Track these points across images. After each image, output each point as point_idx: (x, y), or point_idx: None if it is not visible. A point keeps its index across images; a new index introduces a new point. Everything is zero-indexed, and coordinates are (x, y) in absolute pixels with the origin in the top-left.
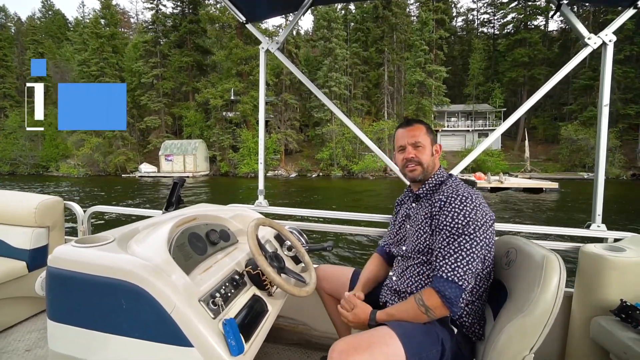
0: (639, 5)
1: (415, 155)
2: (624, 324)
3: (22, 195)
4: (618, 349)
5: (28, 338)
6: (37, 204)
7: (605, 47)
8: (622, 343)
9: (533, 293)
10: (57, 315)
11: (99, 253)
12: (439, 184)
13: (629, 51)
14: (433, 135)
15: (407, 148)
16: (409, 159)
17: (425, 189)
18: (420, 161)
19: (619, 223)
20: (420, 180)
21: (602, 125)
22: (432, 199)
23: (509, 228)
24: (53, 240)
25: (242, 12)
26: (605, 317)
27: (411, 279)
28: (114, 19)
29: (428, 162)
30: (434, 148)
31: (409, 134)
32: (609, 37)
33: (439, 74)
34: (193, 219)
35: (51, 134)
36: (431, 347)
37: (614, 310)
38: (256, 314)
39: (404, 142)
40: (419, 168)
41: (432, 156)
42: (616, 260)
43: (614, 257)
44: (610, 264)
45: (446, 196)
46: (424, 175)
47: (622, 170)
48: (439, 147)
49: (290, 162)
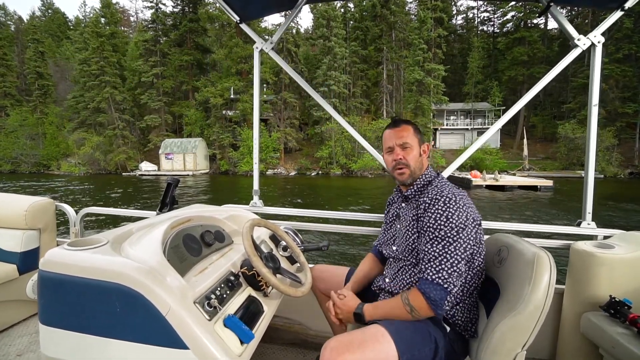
0: (626, 7)
1: (403, 156)
2: (612, 319)
3: (12, 197)
4: (607, 343)
5: (19, 342)
6: (28, 206)
7: (594, 48)
8: (611, 337)
9: (524, 291)
10: (49, 320)
11: (92, 256)
12: (426, 184)
13: (627, 50)
14: (421, 135)
15: (395, 149)
16: (397, 160)
17: (414, 190)
18: (407, 163)
19: (613, 220)
20: (409, 183)
21: (591, 124)
22: (418, 200)
23: (501, 226)
24: (44, 242)
25: (236, 11)
26: (594, 313)
27: (403, 281)
28: (114, 18)
29: (416, 163)
30: (421, 148)
31: (396, 135)
32: (597, 39)
33: (437, 72)
34: (187, 220)
35: (52, 133)
36: (424, 345)
37: (603, 306)
38: (252, 314)
39: (392, 144)
40: (407, 171)
41: (420, 156)
42: (605, 257)
43: (603, 254)
44: (599, 261)
45: (430, 198)
46: (412, 177)
47: (619, 168)
48: (427, 146)
49: (289, 161)
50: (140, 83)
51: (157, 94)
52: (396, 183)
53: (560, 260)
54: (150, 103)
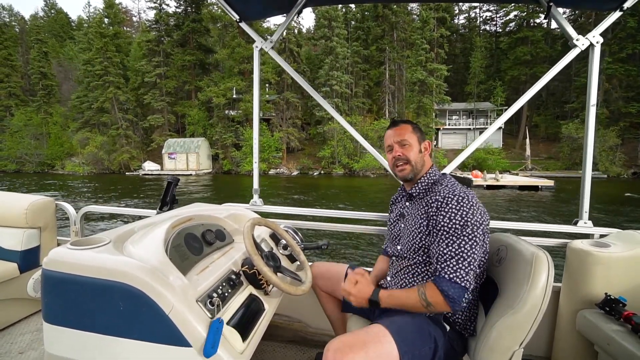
0: (624, 8)
1: (402, 153)
2: (608, 316)
3: (13, 196)
4: (602, 340)
5: (21, 340)
6: (28, 205)
7: (592, 48)
8: (606, 335)
9: (522, 290)
10: (53, 318)
11: (95, 255)
12: (432, 183)
13: (631, 49)
14: (421, 133)
15: (394, 147)
16: (397, 157)
17: (418, 188)
18: (407, 158)
19: (614, 220)
20: (411, 179)
21: (589, 124)
22: (426, 199)
23: (501, 225)
24: (45, 241)
25: (236, 10)
26: (590, 310)
27: (405, 279)
28: (117, 18)
29: (416, 159)
30: (422, 145)
31: (395, 134)
32: (596, 39)
33: (440, 72)
34: (189, 219)
35: (56, 133)
36: (424, 345)
37: (599, 304)
38: (253, 313)
39: (391, 142)
40: (407, 167)
41: (420, 153)
42: (601, 255)
43: (599, 252)
44: (595, 259)
45: (443, 196)
46: (414, 173)
47: (623, 168)
48: (428, 144)
49: (292, 160)
50: (143, 83)
51: (160, 94)
52: (400, 182)
53: (557, 259)
54: (154, 103)
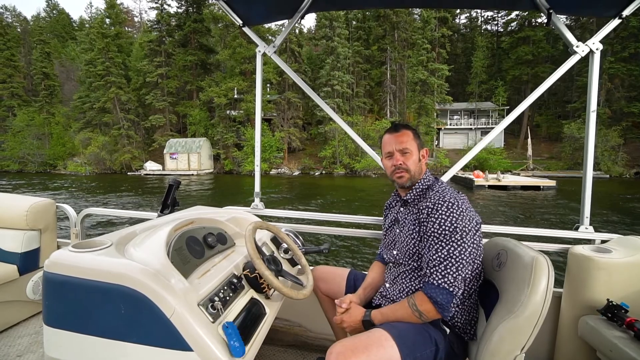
0: (623, 16)
1: (403, 162)
2: (610, 322)
3: (13, 198)
4: (604, 347)
5: (19, 343)
6: (29, 207)
7: (592, 55)
8: (608, 341)
9: (523, 294)
10: (54, 321)
11: (96, 258)
12: (425, 189)
13: (633, 49)
14: (420, 140)
15: (395, 155)
16: (397, 165)
17: (413, 194)
18: (408, 168)
19: (616, 222)
20: (408, 186)
21: (589, 130)
22: (419, 205)
23: (500, 230)
24: (45, 243)
25: (239, 16)
26: (592, 316)
27: (403, 285)
28: (119, 18)
29: (415, 168)
30: (420, 153)
31: (396, 140)
32: (595, 46)
33: (441, 72)
34: (190, 223)
35: (58, 133)
36: (425, 348)
37: (600, 310)
38: (254, 317)
39: (392, 149)
40: (406, 175)
41: (419, 162)
42: (603, 261)
43: (600, 258)
44: (597, 265)
45: (433, 202)
46: (412, 181)
47: (625, 168)
48: (426, 152)
49: (293, 160)
50: (145, 83)
51: (162, 94)
52: (395, 187)
53: (558, 264)
54: (155, 103)
